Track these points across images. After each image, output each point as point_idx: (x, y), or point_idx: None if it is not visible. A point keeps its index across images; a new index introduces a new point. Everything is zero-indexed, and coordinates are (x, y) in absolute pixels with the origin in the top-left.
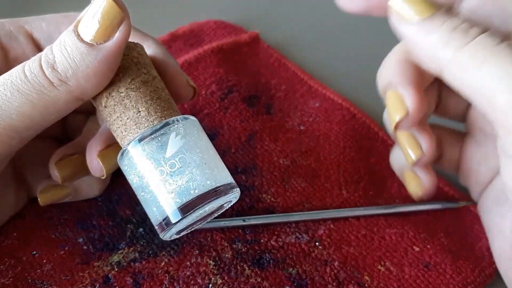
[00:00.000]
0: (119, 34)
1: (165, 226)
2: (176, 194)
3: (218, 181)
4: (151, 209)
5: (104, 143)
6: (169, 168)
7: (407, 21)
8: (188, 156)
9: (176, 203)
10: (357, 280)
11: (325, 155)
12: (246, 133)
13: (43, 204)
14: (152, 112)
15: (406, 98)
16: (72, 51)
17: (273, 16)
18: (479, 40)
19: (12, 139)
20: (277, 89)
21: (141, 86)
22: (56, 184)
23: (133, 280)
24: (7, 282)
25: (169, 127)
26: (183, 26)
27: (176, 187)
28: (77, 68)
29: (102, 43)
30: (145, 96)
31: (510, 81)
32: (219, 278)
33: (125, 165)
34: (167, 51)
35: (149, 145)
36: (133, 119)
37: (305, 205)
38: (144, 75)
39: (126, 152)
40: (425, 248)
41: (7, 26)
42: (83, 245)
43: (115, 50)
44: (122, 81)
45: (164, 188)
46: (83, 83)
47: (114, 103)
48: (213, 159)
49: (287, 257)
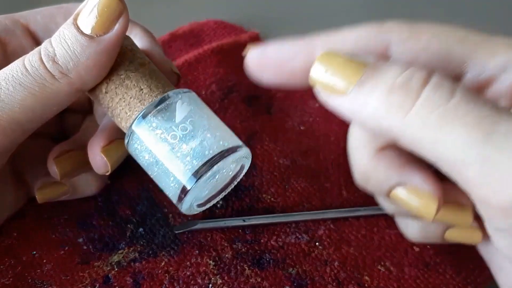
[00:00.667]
0: (118, 26)
1: (184, 193)
2: (191, 158)
3: (231, 143)
4: (168, 182)
5: (107, 139)
6: (181, 131)
7: (337, 93)
8: (197, 119)
9: (193, 166)
10: (357, 280)
11: (325, 155)
12: (246, 133)
13: (41, 201)
14: (154, 88)
15: (425, 188)
16: (72, 44)
17: (273, 16)
18: (426, 98)
19: (15, 131)
20: (277, 89)
21: (139, 67)
22: (54, 181)
23: (133, 280)
24: (7, 282)
25: (173, 97)
26: (183, 26)
27: (190, 150)
28: (78, 60)
29: (102, 35)
30: (145, 75)
31: (477, 150)
32: (219, 278)
33: (134, 144)
34: (153, 39)
35: (156, 116)
36: (136, 97)
37: (305, 205)
38: (140, 59)
39: (133, 132)
40: (425, 248)
41: (3, 21)
42: (83, 245)
43: (115, 42)
44: (120, 65)
45: (178, 154)
46: (84, 75)
47: (115, 86)
48: (221, 124)
49: (287, 257)
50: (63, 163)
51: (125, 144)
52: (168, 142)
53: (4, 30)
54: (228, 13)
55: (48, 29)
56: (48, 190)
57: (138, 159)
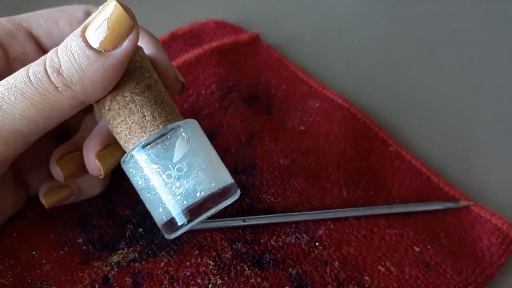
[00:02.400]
0: (127, 43)
1: (171, 226)
2: (183, 197)
3: (221, 183)
4: (157, 210)
5: (102, 144)
6: (176, 171)
7: None
8: (193, 159)
9: (183, 205)
10: (357, 281)
11: (325, 155)
12: (246, 133)
13: (49, 207)
14: (157, 116)
15: None
16: (79, 57)
17: (273, 16)
18: None
19: (17, 142)
20: (277, 89)
21: (145, 91)
22: (59, 185)
23: (132, 280)
24: (6, 282)
25: (174, 131)
26: (183, 26)
27: (183, 190)
28: (84, 74)
29: (111, 50)
30: (150, 100)
31: None
32: (219, 278)
33: (130, 168)
34: (160, 45)
35: (155, 149)
36: (138, 123)
37: (305, 205)
38: (148, 79)
39: (131, 156)
40: (425, 249)
41: (5, 25)
42: (83, 245)
43: (123, 58)
44: (126, 85)
45: (171, 191)
46: (89, 89)
47: (119, 107)
48: (216, 161)
49: (287, 257)
50: (66, 165)
51: (121, 162)
52: (163, 178)
53: (6, 35)
54: (228, 13)
55: (51, 33)
56: (54, 194)
57: (132, 179)
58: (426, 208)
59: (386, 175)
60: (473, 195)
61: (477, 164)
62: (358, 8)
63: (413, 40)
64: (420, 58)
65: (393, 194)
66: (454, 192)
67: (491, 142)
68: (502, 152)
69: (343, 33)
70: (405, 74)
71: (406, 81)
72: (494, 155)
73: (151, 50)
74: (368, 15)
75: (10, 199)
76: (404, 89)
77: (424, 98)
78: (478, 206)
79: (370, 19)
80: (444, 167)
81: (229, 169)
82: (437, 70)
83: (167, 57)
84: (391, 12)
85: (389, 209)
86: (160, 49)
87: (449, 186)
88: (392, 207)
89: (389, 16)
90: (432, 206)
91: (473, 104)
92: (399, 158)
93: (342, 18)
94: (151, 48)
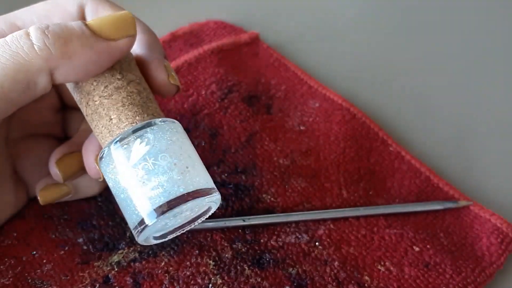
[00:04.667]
0: (123, 42)
1: (142, 227)
2: (147, 199)
3: (187, 187)
4: (127, 213)
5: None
6: (137, 174)
7: None
8: (151, 162)
9: (149, 206)
10: (357, 280)
11: (325, 155)
12: (246, 133)
13: (44, 203)
14: (123, 119)
15: None
16: (73, 28)
17: (273, 16)
18: None
19: None
20: (277, 89)
21: (113, 93)
22: (56, 183)
23: (133, 280)
24: (7, 282)
25: (137, 134)
26: (183, 26)
27: (146, 191)
28: (71, 41)
29: (105, 39)
30: (117, 103)
31: None
32: (219, 278)
33: (102, 170)
34: (152, 42)
35: (118, 152)
36: (106, 127)
37: (305, 205)
38: (118, 81)
39: (101, 158)
40: (425, 248)
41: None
42: (83, 245)
43: (112, 52)
44: (96, 89)
45: (136, 192)
46: (66, 57)
47: (92, 112)
48: (188, 162)
49: (287, 257)
50: (65, 165)
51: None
52: (127, 178)
53: (1, 36)
54: (228, 13)
55: None
56: (51, 192)
57: (106, 179)
58: (426, 208)
59: (386, 175)
60: (472, 195)
61: (477, 164)
62: (358, 8)
63: (413, 40)
64: (420, 58)
65: (392, 194)
66: (453, 192)
67: (490, 142)
68: (502, 152)
69: (343, 33)
70: (405, 74)
71: (406, 81)
72: (494, 155)
73: (142, 48)
74: (368, 15)
75: (10, 199)
76: (404, 89)
77: (424, 98)
78: (477, 206)
79: (370, 19)
80: (444, 167)
81: (229, 169)
82: (437, 70)
83: (161, 55)
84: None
85: (389, 209)
86: (151, 48)
87: (448, 186)
88: (391, 207)
89: (389, 16)
90: (431, 206)
91: (473, 104)
92: (399, 158)
93: (342, 18)
94: (142, 47)
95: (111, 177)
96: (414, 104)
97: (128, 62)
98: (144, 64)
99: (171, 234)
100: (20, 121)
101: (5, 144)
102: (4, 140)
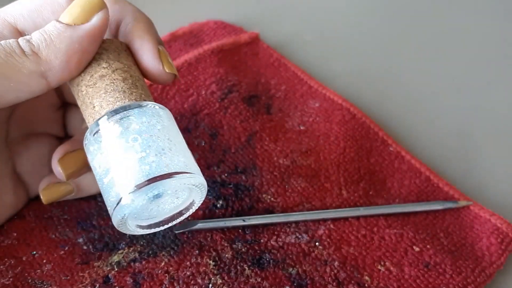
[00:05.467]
0: (96, 18)
1: (118, 202)
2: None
3: (160, 169)
4: (105, 195)
5: None
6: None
7: None
8: (124, 143)
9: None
10: (357, 280)
11: (325, 155)
12: (246, 133)
13: (46, 202)
14: (104, 105)
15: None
16: (50, 30)
17: (273, 16)
18: None
19: None
20: (277, 89)
21: (97, 81)
22: (58, 182)
23: (133, 280)
24: (7, 282)
25: (114, 117)
26: (183, 26)
27: (120, 173)
28: (51, 42)
29: (80, 25)
30: (100, 90)
31: None
32: (219, 278)
33: (88, 157)
34: (146, 30)
35: (95, 137)
36: (91, 115)
37: (305, 205)
38: (103, 69)
39: (85, 146)
40: (425, 248)
41: None
42: (83, 245)
43: (90, 32)
44: (83, 80)
45: (112, 174)
46: (52, 58)
47: (81, 103)
48: (165, 145)
49: (287, 257)
50: (68, 164)
51: None
52: (107, 161)
53: None
54: (228, 13)
55: (36, 26)
56: (53, 191)
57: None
58: (426, 208)
59: (386, 175)
60: (472, 195)
61: (477, 164)
62: (358, 8)
63: (413, 40)
64: (420, 58)
65: (392, 194)
66: (453, 192)
67: (491, 142)
68: (502, 152)
69: (343, 33)
70: (405, 74)
71: (406, 81)
72: (494, 155)
73: (133, 36)
74: (368, 15)
75: (10, 199)
76: (404, 89)
77: (424, 98)
78: (477, 206)
79: (370, 19)
80: (444, 167)
81: (229, 169)
82: (437, 70)
83: (150, 44)
84: (391, 12)
85: (389, 209)
86: (142, 36)
87: (448, 186)
88: (391, 207)
89: (389, 16)
90: (431, 206)
91: (473, 104)
92: (399, 158)
93: (342, 18)
94: (134, 34)
95: (91, 162)
96: (414, 104)
97: (117, 51)
98: (137, 52)
99: (159, 226)
100: (19, 120)
101: (4, 144)
102: (4, 139)
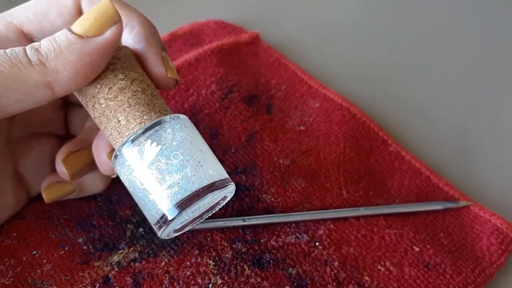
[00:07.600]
0: (110, 32)
1: (165, 223)
2: (165, 197)
3: (202, 182)
4: (146, 210)
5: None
6: (151, 174)
7: None
8: (164, 162)
9: (168, 204)
10: (357, 280)
11: (325, 155)
12: (246, 133)
13: (48, 201)
14: (131, 119)
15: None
16: (61, 40)
17: (273, 16)
18: None
19: None
20: (277, 89)
21: (118, 94)
22: (61, 181)
23: (133, 280)
24: (7, 282)
25: (147, 134)
26: (183, 26)
27: (162, 190)
28: (60, 52)
29: (92, 37)
30: (123, 104)
31: None
32: (219, 278)
33: (117, 170)
34: (151, 34)
35: (130, 153)
36: (115, 129)
37: (305, 205)
38: (121, 81)
39: (115, 159)
40: (425, 248)
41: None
42: (83, 245)
43: (103, 46)
44: (101, 92)
45: (153, 192)
46: (60, 69)
47: (99, 115)
48: (199, 156)
49: (287, 257)
50: (72, 164)
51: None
52: (144, 176)
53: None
54: (228, 13)
55: (42, 28)
56: (55, 190)
57: (121, 179)
58: (426, 208)
59: (386, 175)
60: (472, 195)
61: (477, 164)
62: (358, 8)
63: (413, 40)
64: (420, 58)
65: (392, 194)
66: (453, 192)
67: (491, 142)
68: (502, 152)
69: (343, 33)
70: (405, 74)
71: (406, 81)
72: (494, 155)
73: (139, 41)
74: (368, 15)
75: (10, 199)
76: (404, 89)
77: (424, 98)
78: (477, 206)
79: (370, 19)
80: (444, 167)
81: (229, 169)
82: (437, 70)
83: (156, 49)
84: (391, 12)
85: (389, 209)
86: (148, 41)
87: (448, 186)
88: (391, 207)
89: (389, 16)
90: (431, 206)
91: (473, 104)
92: (399, 158)
93: (342, 18)
94: (139, 40)
95: (126, 178)
96: (414, 104)
97: (128, 59)
98: (142, 57)
99: (190, 225)
100: (21, 120)
101: (6, 144)
102: (5, 139)
